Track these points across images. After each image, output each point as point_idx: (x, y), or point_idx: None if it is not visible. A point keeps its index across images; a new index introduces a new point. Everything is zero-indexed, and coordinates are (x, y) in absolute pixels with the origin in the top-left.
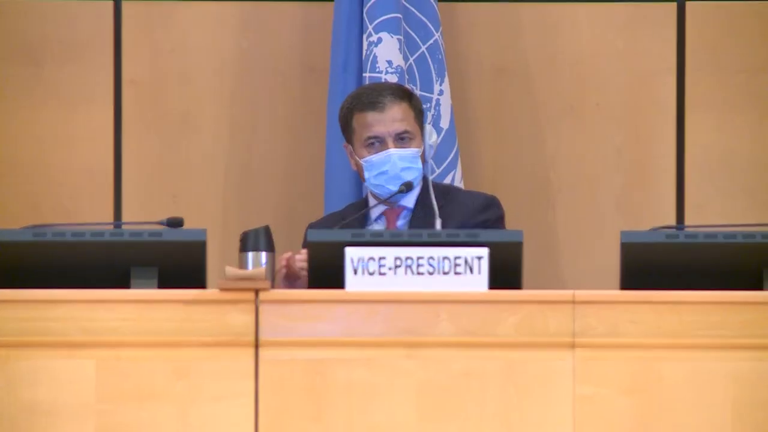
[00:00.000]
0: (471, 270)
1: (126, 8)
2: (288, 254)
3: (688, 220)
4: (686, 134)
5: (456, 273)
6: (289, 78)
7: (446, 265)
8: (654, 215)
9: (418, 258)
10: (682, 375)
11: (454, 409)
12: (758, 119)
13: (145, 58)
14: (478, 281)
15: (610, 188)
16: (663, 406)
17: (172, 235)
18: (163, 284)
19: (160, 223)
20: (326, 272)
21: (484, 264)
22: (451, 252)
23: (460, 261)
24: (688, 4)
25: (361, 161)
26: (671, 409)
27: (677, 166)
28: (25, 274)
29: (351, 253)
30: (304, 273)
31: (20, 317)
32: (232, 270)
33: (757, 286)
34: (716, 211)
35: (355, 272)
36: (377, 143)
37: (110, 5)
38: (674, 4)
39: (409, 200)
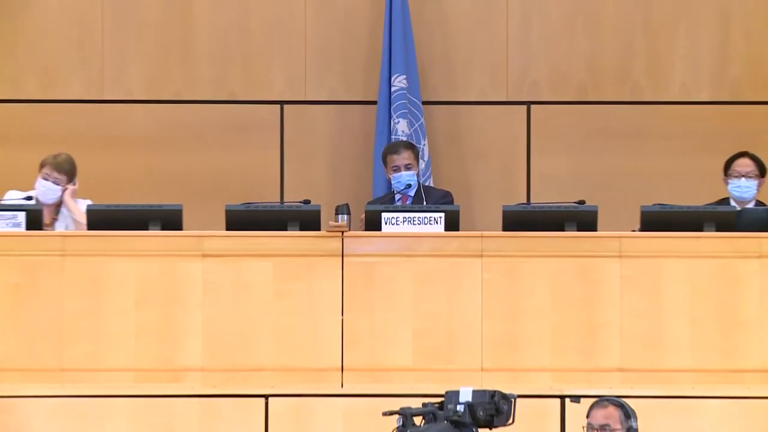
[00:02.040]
0: (437, 222)
1: (285, 115)
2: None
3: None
4: (531, 167)
5: (429, 224)
6: (357, 141)
7: (425, 220)
8: (516, 200)
9: (414, 217)
10: (530, 269)
11: (429, 284)
12: (566, 158)
13: (296, 133)
14: (439, 228)
15: (497, 192)
16: (521, 284)
17: (306, 207)
18: (302, 229)
19: (301, 202)
20: (373, 223)
21: (442, 220)
22: (428, 214)
23: (431, 218)
24: (532, 106)
25: (390, 176)
26: (524, 287)
27: (527, 180)
28: (241, 224)
29: (384, 215)
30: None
31: (239, 243)
32: (331, 222)
33: (561, 230)
34: (545, 198)
35: (386, 223)
36: (396, 168)
37: (277, 108)
38: (525, 106)
39: (411, 192)
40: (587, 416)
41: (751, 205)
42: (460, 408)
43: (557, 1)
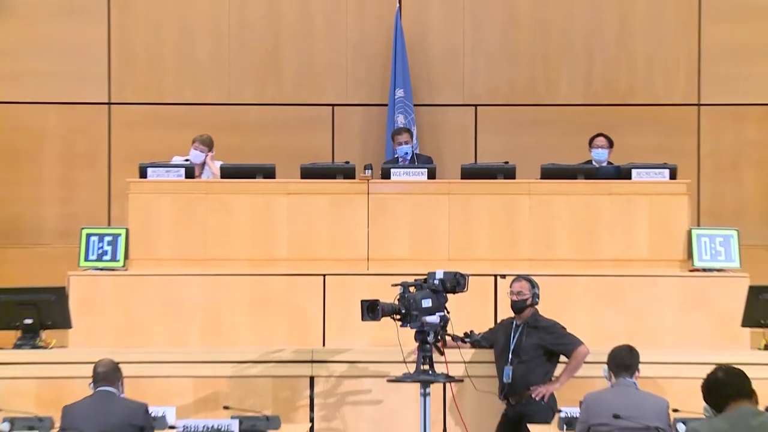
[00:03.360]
0: (423, 175)
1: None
2: None
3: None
4: (477, 143)
5: (418, 176)
6: (376, 127)
7: (416, 173)
8: (469, 161)
9: (410, 171)
10: (477, 202)
11: (418, 211)
12: (498, 138)
13: (341, 124)
14: (424, 178)
15: (458, 157)
16: (471, 211)
17: (347, 165)
18: (345, 178)
19: (344, 163)
20: (386, 174)
21: (426, 173)
22: (418, 170)
23: (420, 172)
24: (478, 107)
25: (396, 148)
26: (473, 212)
27: (475, 150)
28: (309, 175)
29: (392, 170)
30: None
31: (308, 186)
32: (362, 174)
33: (495, 178)
34: (486, 160)
35: (393, 175)
36: (399, 143)
37: (330, 108)
38: (473, 107)
39: (408, 157)
40: (509, 287)
41: (604, 164)
42: (436, 282)
43: (492, 45)
